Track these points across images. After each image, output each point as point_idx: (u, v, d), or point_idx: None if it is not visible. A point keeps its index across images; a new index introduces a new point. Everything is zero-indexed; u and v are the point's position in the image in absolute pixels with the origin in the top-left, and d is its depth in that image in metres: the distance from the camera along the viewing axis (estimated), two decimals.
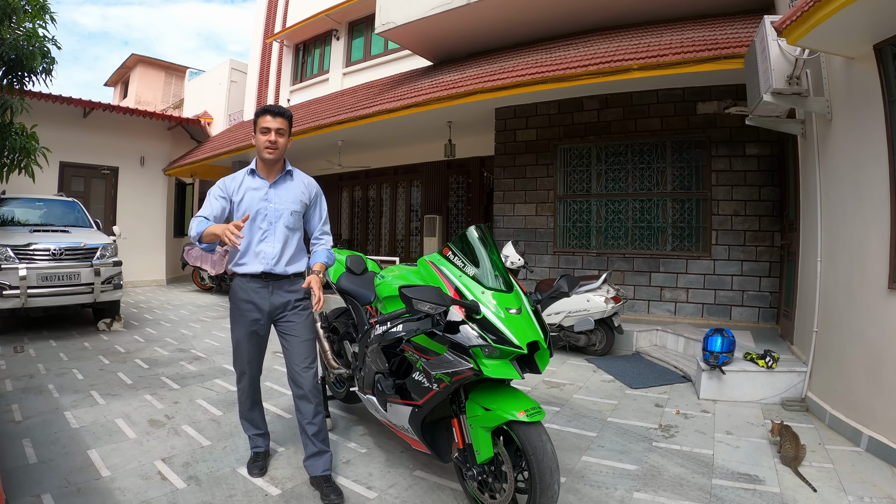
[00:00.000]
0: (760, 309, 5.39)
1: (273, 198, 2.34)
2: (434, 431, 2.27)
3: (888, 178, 2.74)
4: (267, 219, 2.32)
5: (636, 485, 2.43)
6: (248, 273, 2.32)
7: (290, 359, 2.37)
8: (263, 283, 2.33)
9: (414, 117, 6.85)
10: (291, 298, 2.38)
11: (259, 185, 2.34)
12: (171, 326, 6.43)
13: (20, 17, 5.01)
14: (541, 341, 1.92)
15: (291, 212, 2.36)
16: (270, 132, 2.29)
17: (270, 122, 2.29)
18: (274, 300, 2.35)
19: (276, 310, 2.36)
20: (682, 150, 5.84)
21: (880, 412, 2.75)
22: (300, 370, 2.35)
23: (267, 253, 2.30)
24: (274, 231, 2.32)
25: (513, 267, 5.22)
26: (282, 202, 2.35)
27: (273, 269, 2.31)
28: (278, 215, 2.33)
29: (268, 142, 2.29)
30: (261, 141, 2.30)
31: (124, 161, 10.61)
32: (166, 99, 19.21)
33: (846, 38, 2.82)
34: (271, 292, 2.34)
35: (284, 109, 2.35)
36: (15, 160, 5.49)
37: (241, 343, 2.38)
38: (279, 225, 2.33)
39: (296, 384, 2.35)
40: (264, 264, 2.30)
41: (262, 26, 13.67)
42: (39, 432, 2.90)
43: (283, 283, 2.36)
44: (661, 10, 6.28)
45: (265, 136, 2.29)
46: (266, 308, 2.34)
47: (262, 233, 2.31)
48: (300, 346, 2.37)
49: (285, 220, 2.34)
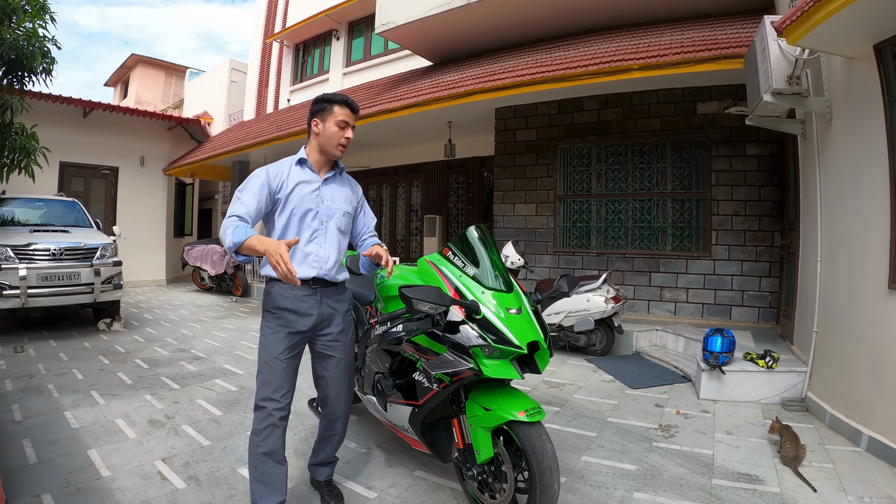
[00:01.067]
0: (760, 309, 5.39)
1: (326, 195, 2.06)
2: (434, 431, 2.27)
3: (888, 177, 2.74)
4: (318, 217, 2.03)
5: (636, 485, 2.43)
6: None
7: (330, 384, 2.11)
8: (311, 289, 2.01)
9: (414, 117, 6.84)
10: (340, 310, 2.11)
11: (310, 179, 2.05)
12: (171, 326, 6.43)
13: (20, 17, 5.01)
14: (541, 341, 1.92)
15: (344, 213, 2.11)
16: (349, 128, 2.04)
17: (350, 118, 2.04)
18: (323, 311, 2.04)
19: (322, 323, 2.05)
20: (682, 150, 5.84)
21: (880, 412, 2.75)
22: (343, 400, 2.14)
23: (320, 255, 2.01)
24: (325, 231, 2.04)
25: (513, 267, 5.22)
26: (334, 201, 2.09)
27: (326, 275, 2.02)
28: (330, 214, 2.06)
29: (345, 138, 2.04)
30: (335, 135, 2.02)
31: (124, 161, 10.62)
32: (166, 99, 19.21)
33: (846, 38, 2.82)
34: (320, 301, 2.03)
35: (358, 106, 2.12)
36: (15, 160, 5.49)
37: (276, 362, 1.95)
38: (331, 225, 2.06)
39: (331, 411, 2.14)
40: (316, 268, 2.00)
41: (262, 26, 13.68)
42: (39, 432, 2.90)
43: (332, 291, 2.08)
44: (661, 10, 6.28)
45: (343, 130, 2.03)
46: (312, 320, 2.01)
47: (311, 232, 2.01)
48: (344, 370, 2.13)
49: (337, 220, 2.08)
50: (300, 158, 2.07)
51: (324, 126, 2.03)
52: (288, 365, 1.98)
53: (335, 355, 2.09)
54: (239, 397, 3.67)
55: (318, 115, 2.05)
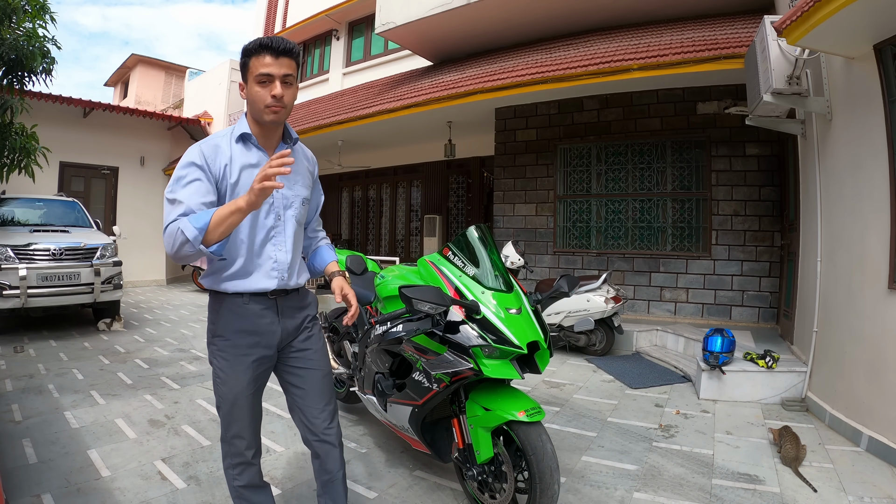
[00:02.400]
0: (760, 309, 5.39)
1: (279, 179, 1.48)
2: (434, 431, 2.28)
3: (888, 177, 2.74)
4: (273, 210, 1.59)
5: (636, 485, 2.43)
6: (247, 291, 1.56)
7: (308, 404, 1.68)
8: (269, 302, 1.60)
9: (414, 117, 6.85)
10: (304, 317, 1.71)
11: (258, 160, 1.56)
12: (171, 326, 6.43)
13: (20, 17, 5.02)
14: (541, 341, 1.92)
15: (303, 199, 1.67)
16: (274, 81, 1.47)
17: (273, 67, 1.46)
18: (286, 325, 1.64)
19: (287, 338, 1.67)
20: (682, 150, 5.84)
21: (880, 412, 2.75)
22: (325, 417, 1.69)
23: (279, 260, 1.59)
24: (284, 228, 1.61)
25: (513, 267, 5.22)
26: (292, 186, 1.63)
27: (288, 284, 1.62)
28: (288, 204, 1.62)
29: (271, 97, 1.47)
30: (258, 95, 1.48)
31: (124, 161, 10.62)
32: (166, 99, 19.21)
33: (846, 38, 2.82)
34: (281, 315, 1.63)
35: (291, 45, 1.50)
36: (15, 160, 5.50)
37: (241, 398, 1.59)
38: (289, 219, 1.62)
39: (317, 435, 1.69)
40: (277, 277, 1.59)
41: (262, 26, 13.68)
42: (39, 432, 2.90)
43: (291, 299, 1.67)
44: (661, 10, 6.29)
45: (265, 87, 1.47)
46: (276, 339, 1.62)
47: (267, 231, 1.58)
48: (320, 383, 1.70)
49: (296, 211, 1.64)
50: (242, 133, 1.56)
51: (247, 88, 1.51)
52: (255, 400, 1.64)
53: (310, 366, 1.69)
54: None
55: (242, 77, 1.54)
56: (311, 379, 1.70)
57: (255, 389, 1.63)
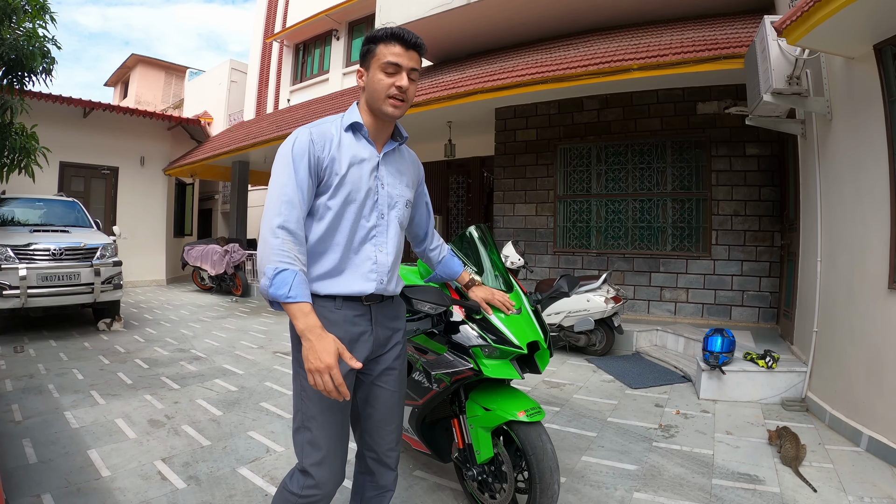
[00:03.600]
0: (760, 309, 5.39)
1: (386, 177, 1.48)
2: (434, 431, 2.27)
3: (888, 178, 2.74)
4: (377, 208, 1.47)
5: (636, 485, 2.43)
6: (341, 294, 1.42)
7: (375, 423, 1.56)
8: (364, 309, 1.46)
9: (414, 117, 6.85)
10: (396, 330, 1.58)
11: (367, 153, 1.45)
12: (171, 326, 6.43)
13: (20, 17, 5.01)
14: (541, 341, 1.92)
15: (406, 202, 1.56)
16: (402, 72, 1.39)
17: (403, 57, 1.38)
18: (378, 335, 1.50)
19: (377, 351, 1.52)
20: (682, 150, 5.84)
21: (880, 412, 2.75)
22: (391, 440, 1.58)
23: (379, 262, 1.46)
24: (387, 228, 1.49)
25: (513, 267, 5.21)
26: (396, 185, 1.52)
27: (386, 290, 1.49)
28: (392, 204, 1.50)
29: (395, 88, 1.39)
30: (383, 85, 1.39)
31: (124, 161, 10.62)
32: (166, 99, 19.22)
33: (846, 38, 2.82)
34: (374, 323, 1.49)
35: (421, 41, 1.43)
36: (15, 160, 5.50)
37: (329, 413, 1.40)
38: (392, 219, 1.50)
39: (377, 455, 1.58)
40: (376, 280, 1.45)
41: (262, 26, 13.69)
42: (39, 432, 2.90)
43: (386, 308, 1.54)
44: (661, 10, 6.29)
45: (391, 77, 1.39)
46: (368, 348, 1.48)
47: (369, 230, 1.45)
48: (395, 406, 1.58)
49: (399, 212, 1.52)
50: (354, 122, 1.44)
51: (368, 75, 1.43)
52: (344, 417, 1.45)
53: (388, 388, 1.55)
54: (239, 397, 3.67)
55: (363, 64, 1.45)
56: (389, 401, 1.56)
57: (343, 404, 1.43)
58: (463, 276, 1.90)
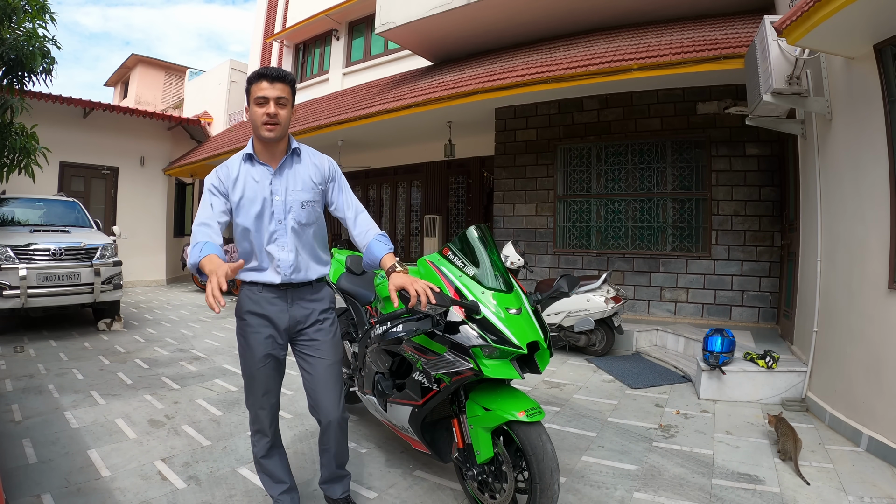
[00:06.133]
0: (760, 309, 5.39)
1: (279, 189, 1.87)
2: (434, 431, 2.27)
3: (888, 177, 2.74)
4: (275, 216, 1.87)
5: (636, 485, 2.43)
6: (260, 282, 1.90)
7: (314, 387, 1.96)
8: (280, 292, 1.91)
9: (414, 117, 6.85)
10: (315, 309, 1.97)
11: (261, 175, 1.87)
12: (171, 326, 6.43)
13: (20, 17, 5.01)
14: (541, 341, 1.92)
15: (302, 203, 1.90)
16: (269, 103, 1.78)
17: (268, 90, 1.78)
18: (294, 313, 1.93)
19: (296, 325, 1.95)
20: (682, 150, 5.84)
21: (880, 412, 2.75)
22: (328, 403, 1.95)
23: (281, 259, 1.87)
24: (286, 231, 1.88)
25: (513, 267, 5.22)
26: (290, 192, 1.88)
27: (292, 279, 1.89)
28: (287, 209, 1.87)
29: (266, 115, 1.78)
30: (257, 115, 1.79)
31: (124, 161, 10.62)
32: (166, 99, 19.21)
33: (846, 38, 2.82)
34: (290, 303, 1.92)
35: (285, 72, 1.82)
36: (15, 160, 5.50)
37: (256, 372, 1.92)
38: (289, 221, 1.88)
39: (318, 413, 1.98)
40: (281, 273, 1.88)
41: (262, 26, 13.68)
42: (39, 432, 2.90)
43: (304, 290, 1.95)
44: (661, 10, 6.28)
45: (262, 107, 1.78)
46: (284, 323, 1.92)
47: (270, 234, 1.87)
48: (326, 371, 1.96)
49: (295, 214, 1.88)
50: (247, 153, 1.89)
51: (249, 109, 1.83)
52: (270, 370, 1.93)
53: (317, 356, 1.95)
54: (239, 397, 3.66)
55: (246, 103, 1.86)
56: (319, 366, 1.95)
57: (268, 366, 1.92)
58: (385, 262, 1.89)
